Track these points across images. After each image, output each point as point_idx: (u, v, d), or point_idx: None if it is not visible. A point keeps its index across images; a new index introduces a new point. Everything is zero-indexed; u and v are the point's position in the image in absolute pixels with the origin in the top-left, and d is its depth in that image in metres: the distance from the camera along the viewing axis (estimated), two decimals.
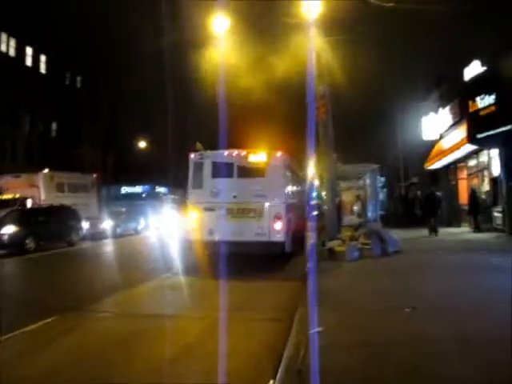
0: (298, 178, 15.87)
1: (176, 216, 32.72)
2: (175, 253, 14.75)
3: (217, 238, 11.77)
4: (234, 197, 11.95)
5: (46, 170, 23.21)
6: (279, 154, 12.50)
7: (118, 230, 24.07)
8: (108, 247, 19.77)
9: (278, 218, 11.79)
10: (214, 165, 12.39)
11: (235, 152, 12.59)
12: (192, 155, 12.69)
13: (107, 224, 23.52)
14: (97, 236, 22.15)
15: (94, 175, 27.58)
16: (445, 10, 14.79)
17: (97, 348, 5.56)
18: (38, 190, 22.02)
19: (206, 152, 12.89)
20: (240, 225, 11.82)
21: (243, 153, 12.54)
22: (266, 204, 11.87)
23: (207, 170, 12.39)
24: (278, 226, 11.74)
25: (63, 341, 5.91)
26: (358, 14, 14.51)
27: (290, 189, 13.47)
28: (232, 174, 12.24)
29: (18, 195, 21.04)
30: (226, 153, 12.54)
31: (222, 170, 12.25)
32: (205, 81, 22.03)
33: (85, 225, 22.48)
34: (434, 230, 17.14)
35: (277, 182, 12.16)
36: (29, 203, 20.90)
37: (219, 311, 6.63)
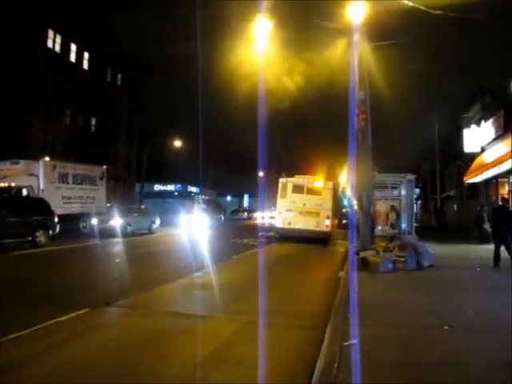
0: (335, 193, 24.12)
1: (205, 216, 33.06)
2: (205, 251, 14.83)
3: (291, 226, 20.90)
4: (304, 205, 21.06)
5: (47, 158, 21.02)
6: (330, 182, 21.95)
7: (129, 229, 22.05)
8: (91, 251, 15.87)
9: (327, 218, 20.99)
10: (294, 186, 21.47)
11: (306, 179, 21.70)
12: (281, 179, 21.91)
13: (116, 221, 21.29)
14: (105, 234, 20.09)
15: (104, 167, 25.03)
16: (488, 20, 14.27)
17: (127, 344, 5.55)
18: (37, 179, 19.63)
19: (289, 178, 21.94)
20: (306, 221, 20.83)
21: (310, 180, 21.57)
22: (321, 210, 20.91)
23: (289, 188, 21.45)
24: (328, 222, 21.00)
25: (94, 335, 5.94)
26: (402, 20, 14.20)
27: (332, 202, 21.82)
28: (303, 192, 21.33)
29: (13, 184, 18.81)
30: (300, 179, 21.80)
31: (298, 189, 21.40)
32: (239, 85, 22.07)
33: (93, 221, 21.09)
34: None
35: (327, 198, 21.31)
36: (24, 193, 18.54)
37: (251, 315, 6.54)
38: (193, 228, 26.12)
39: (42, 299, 7.53)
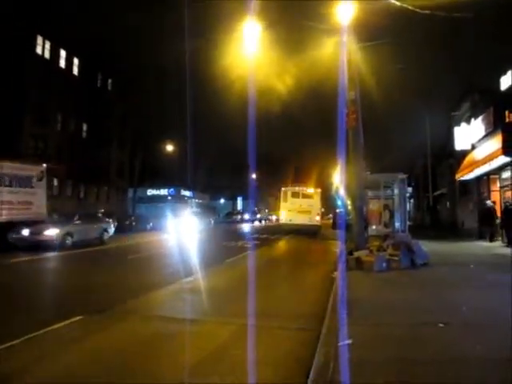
0: (323, 196, 33.73)
1: (196, 219, 33.11)
2: (194, 256, 14.77)
3: (292, 222, 28.38)
4: (300, 206, 28.58)
5: None
6: (319, 189, 30.15)
7: (70, 240, 17.76)
8: None
9: (317, 214, 28.93)
10: (292, 192, 29.18)
11: (301, 187, 29.82)
12: (283, 188, 30.04)
13: (51, 232, 17.19)
14: (39, 246, 16.34)
15: (44, 165, 20.29)
16: (478, 19, 14.36)
17: (120, 350, 5.50)
18: None
19: (289, 186, 30.28)
20: (302, 217, 28.17)
21: (304, 188, 29.79)
22: (313, 209, 28.81)
23: (289, 194, 29.07)
24: (317, 218, 28.86)
25: (88, 341, 5.88)
26: (391, 20, 14.26)
27: (321, 203, 30.61)
28: (299, 197, 28.88)
29: None
30: (297, 187, 29.82)
31: (296, 194, 28.98)
32: (230, 88, 22.11)
33: (24, 231, 16.83)
34: None
35: (317, 200, 29.38)
36: None
37: (246, 318, 6.51)
38: (181, 232, 26.09)
39: None
